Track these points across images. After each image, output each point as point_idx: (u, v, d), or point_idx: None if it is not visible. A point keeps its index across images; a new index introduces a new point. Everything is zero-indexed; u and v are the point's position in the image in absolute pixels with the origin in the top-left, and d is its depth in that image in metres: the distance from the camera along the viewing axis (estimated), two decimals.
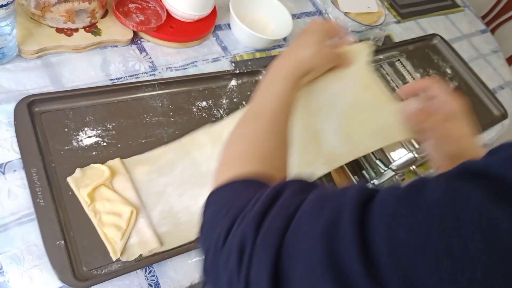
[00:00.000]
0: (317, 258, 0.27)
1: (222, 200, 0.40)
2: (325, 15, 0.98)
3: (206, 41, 0.81)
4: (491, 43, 1.27)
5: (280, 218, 0.32)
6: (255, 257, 0.31)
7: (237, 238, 0.33)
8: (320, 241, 0.28)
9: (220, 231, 0.35)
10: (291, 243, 0.30)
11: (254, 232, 0.32)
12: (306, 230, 0.30)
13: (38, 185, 0.53)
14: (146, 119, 0.66)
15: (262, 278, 0.30)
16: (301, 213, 0.31)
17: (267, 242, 0.31)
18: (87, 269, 0.51)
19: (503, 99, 1.09)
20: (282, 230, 0.31)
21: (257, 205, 0.34)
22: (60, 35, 0.66)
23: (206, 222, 0.39)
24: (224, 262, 0.33)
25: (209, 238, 0.36)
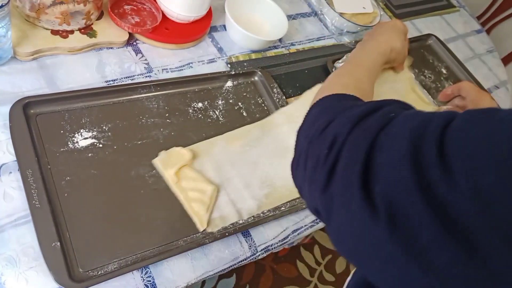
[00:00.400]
0: (403, 148, 0.31)
1: (325, 103, 0.48)
2: (320, 15, 0.99)
3: (202, 42, 0.81)
4: (487, 43, 1.28)
5: (380, 120, 0.36)
6: (350, 143, 0.36)
7: (334, 128, 0.39)
8: (409, 134, 0.32)
9: (320, 124, 0.41)
10: (383, 138, 0.34)
11: (350, 127, 0.37)
12: (397, 129, 0.34)
13: (34, 187, 0.53)
14: (142, 121, 0.66)
15: (356, 159, 0.34)
16: (399, 118, 0.36)
17: (364, 134, 0.35)
18: (83, 271, 0.51)
19: (499, 99, 1.10)
20: (377, 129, 0.35)
21: (358, 110, 0.40)
22: (55, 37, 0.66)
23: (308, 121, 0.46)
24: (317, 145, 0.39)
25: (311, 130, 0.43)
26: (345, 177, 0.34)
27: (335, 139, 0.37)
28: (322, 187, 0.36)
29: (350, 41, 0.97)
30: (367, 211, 0.31)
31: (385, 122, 0.36)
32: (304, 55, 0.89)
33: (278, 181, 0.68)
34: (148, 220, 0.58)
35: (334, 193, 0.35)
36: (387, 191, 0.31)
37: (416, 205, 0.28)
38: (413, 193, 0.29)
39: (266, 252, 0.63)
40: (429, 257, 0.28)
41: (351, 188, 0.33)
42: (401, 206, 0.29)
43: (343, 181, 0.35)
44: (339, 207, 0.35)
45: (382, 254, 0.31)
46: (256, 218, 0.63)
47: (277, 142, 0.72)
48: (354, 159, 0.34)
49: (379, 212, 0.30)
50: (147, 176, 0.61)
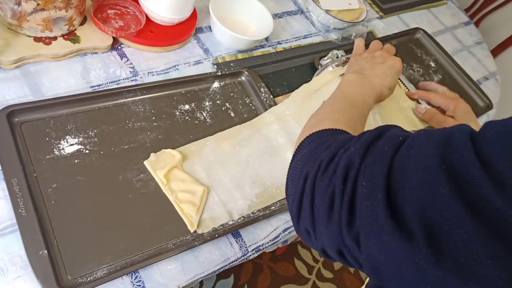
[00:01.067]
0: (431, 164, 0.30)
1: (321, 139, 0.45)
2: (306, 13, 0.99)
3: (188, 44, 0.81)
4: (475, 35, 1.28)
5: (390, 143, 0.35)
6: (365, 172, 0.34)
7: (344, 160, 0.37)
8: (434, 150, 0.30)
9: (322, 160, 0.39)
10: (401, 160, 0.33)
11: (362, 155, 0.36)
12: (417, 150, 0.32)
13: (20, 195, 0.53)
14: (128, 125, 0.66)
15: (376, 186, 0.32)
16: (412, 139, 0.34)
17: (379, 160, 0.34)
18: (72, 278, 0.51)
19: (488, 90, 1.10)
20: (393, 152, 0.34)
21: (363, 138, 0.38)
22: (38, 44, 0.65)
23: (304, 155, 0.44)
24: (327, 182, 0.37)
25: (308, 166, 0.41)
26: (369, 208, 0.32)
27: (347, 172, 0.36)
28: (346, 224, 0.34)
29: (337, 38, 0.97)
30: (402, 239, 0.29)
31: (397, 144, 0.34)
32: (291, 53, 0.89)
33: (269, 180, 0.68)
34: (137, 224, 0.57)
35: (360, 226, 0.33)
36: (423, 213, 0.29)
37: (464, 223, 0.27)
38: (457, 211, 0.27)
39: (257, 252, 0.63)
40: (486, 274, 0.26)
41: (379, 219, 0.31)
42: (444, 226, 0.28)
43: (367, 213, 0.33)
44: (368, 240, 0.33)
45: (430, 280, 0.29)
46: (246, 218, 0.63)
47: (267, 141, 0.72)
48: (374, 187, 0.32)
49: (417, 237, 0.29)
50: (134, 181, 0.61)
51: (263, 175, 0.68)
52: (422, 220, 0.29)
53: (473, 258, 0.27)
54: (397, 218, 0.30)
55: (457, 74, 1.06)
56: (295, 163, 0.45)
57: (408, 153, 0.33)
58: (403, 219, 0.30)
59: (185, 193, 0.61)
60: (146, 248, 0.56)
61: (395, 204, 0.31)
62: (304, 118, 0.75)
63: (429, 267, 0.28)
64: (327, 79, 0.77)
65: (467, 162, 0.28)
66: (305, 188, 0.40)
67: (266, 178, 0.68)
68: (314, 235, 0.39)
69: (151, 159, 0.63)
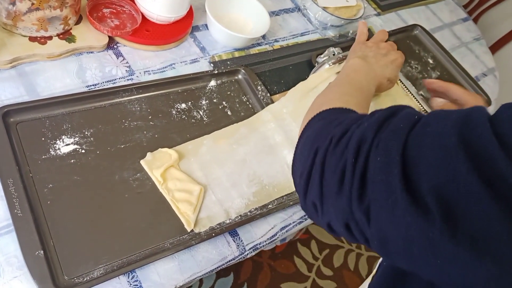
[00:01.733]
0: (451, 143, 0.29)
1: (332, 116, 0.45)
2: (303, 10, 0.98)
3: (184, 42, 0.80)
4: (473, 31, 1.28)
5: (406, 121, 0.35)
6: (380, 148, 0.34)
7: (356, 135, 0.37)
8: (452, 129, 0.30)
9: (334, 135, 0.39)
10: (417, 138, 0.32)
11: (375, 131, 0.36)
12: (435, 127, 0.32)
13: (15, 196, 0.53)
14: (124, 124, 0.65)
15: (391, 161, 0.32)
16: (428, 117, 0.34)
17: (393, 136, 0.34)
18: (68, 278, 0.51)
19: (487, 87, 1.10)
20: (408, 129, 0.34)
21: (377, 115, 0.38)
22: (33, 44, 0.65)
23: (314, 131, 0.43)
24: (338, 155, 0.37)
25: (318, 141, 0.40)
26: (384, 183, 0.32)
27: (359, 146, 0.36)
28: (357, 197, 0.34)
29: (335, 35, 0.97)
30: (417, 214, 0.29)
31: (412, 122, 0.34)
32: (288, 51, 0.89)
33: (266, 178, 0.68)
34: (133, 224, 0.57)
35: (372, 200, 0.33)
36: (440, 190, 0.29)
37: (482, 200, 0.27)
38: (475, 188, 0.27)
39: (255, 251, 0.63)
40: (502, 251, 0.27)
41: (394, 193, 0.31)
42: (461, 203, 0.28)
43: (381, 187, 0.33)
44: (379, 214, 0.33)
45: (443, 255, 0.29)
46: (243, 217, 0.63)
47: (264, 139, 0.72)
48: (389, 162, 0.32)
49: (432, 212, 0.29)
50: (131, 180, 0.61)
51: (260, 174, 0.68)
52: (438, 196, 0.29)
53: (489, 235, 0.27)
54: (412, 193, 0.30)
55: (455, 71, 1.06)
56: (304, 138, 0.44)
57: (425, 131, 0.33)
58: (419, 194, 0.30)
59: (181, 192, 0.61)
60: (143, 247, 0.56)
61: (410, 180, 0.31)
62: (301, 116, 0.74)
63: (443, 242, 0.28)
64: (324, 76, 0.77)
65: (486, 141, 0.28)
66: (315, 162, 0.39)
67: (263, 177, 0.68)
68: (321, 209, 0.39)
69: (148, 158, 0.63)
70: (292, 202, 0.67)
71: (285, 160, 0.71)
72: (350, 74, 0.63)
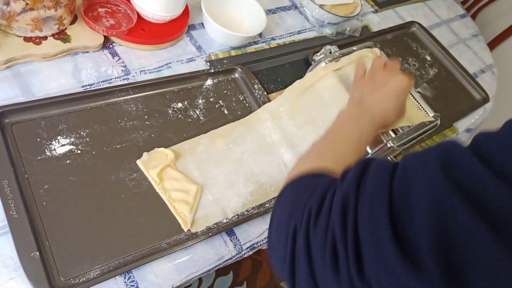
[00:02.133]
0: (439, 187, 0.27)
1: (302, 184, 0.42)
2: (300, 8, 0.98)
3: (180, 41, 0.80)
4: (471, 27, 1.27)
5: (382, 171, 0.32)
6: (364, 207, 0.31)
7: (337, 204, 0.33)
8: (439, 173, 0.28)
9: (310, 207, 0.35)
10: (401, 187, 0.30)
11: (354, 192, 0.32)
12: (417, 173, 0.30)
13: (11, 197, 0.53)
14: (120, 124, 0.65)
15: (380, 224, 0.29)
16: (405, 161, 0.32)
17: (374, 191, 0.31)
18: (65, 279, 0.51)
19: (485, 83, 1.09)
20: (388, 180, 0.31)
21: (350, 174, 0.35)
22: (28, 44, 0.65)
23: (287, 206, 0.39)
24: (323, 232, 0.33)
25: (294, 218, 0.36)
26: (377, 251, 0.29)
27: (345, 213, 0.32)
28: (356, 273, 0.30)
29: (332, 33, 0.96)
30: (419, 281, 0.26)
31: (390, 171, 0.32)
32: (285, 49, 0.89)
33: (263, 177, 0.68)
34: (130, 224, 0.57)
35: (371, 275, 0.30)
36: (440, 244, 0.26)
37: (491, 251, 0.24)
38: (481, 236, 0.25)
39: (252, 250, 0.63)
40: None
41: (390, 264, 0.28)
42: (465, 256, 0.25)
43: (375, 255, 0.29)
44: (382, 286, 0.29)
45: None
46: (240, 216, 0.63)
47: (261, 138, 0.72)
48: (379, 223, 0.29)
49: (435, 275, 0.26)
50: (127, 180, 0.60)
51: (257, 173, 0.68)
52: (439, 253, 0.26)
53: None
54: (410, 256, 0.27)
55: (453, 68, 1.06)
56: (277, 216, 0.40)
57: (407, 178, 0.30)
58: (416, 255, 0.27)
59: (178, 192, 0.61)
60: (139, 248, 0.56)
61: (405, 239, 0.28)
62: (298, 114, 0.75)
63: None
64: (320, 75, 0.77)
65: (479, 176, 0.26)
66: (297, 244, 0.35)
67: (260, 176, 0.68)
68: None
69: (144, 158, 0.62)
70: None
71: (282, 159, 0.71)
72: (338, 125, 0.59)
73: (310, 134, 0.73)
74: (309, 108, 0.75)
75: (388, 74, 0.65)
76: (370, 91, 0.63)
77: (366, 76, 0.67)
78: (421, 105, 0.83)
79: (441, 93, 0.98)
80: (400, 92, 0.62)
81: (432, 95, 0.97)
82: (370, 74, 0.67)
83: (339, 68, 0.79)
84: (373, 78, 0.65)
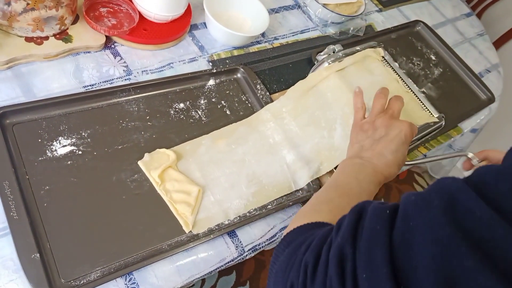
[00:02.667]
0: (446, 236, 0.25)
1: (298, 239, 0.40)
2: (303, 8, 0.97)
3: (182, 41, 0.80)
4: (477, 26, 1.26)
5: (380, 220, 0.31)
6: (362, 261, 0.30)
7: (334, 256, 0.32)
8: (442, 218, 0.26)
9: (306, 263, 0.34)
10: (403, 237, 0.28)
11: (351, 243, 0.31)
12: (419, 221, 0.28)
13: (11, 198, 0.52)
14: (122, 125, 0.65)
15: (380, 277, 0.28)
16: (404, 211, 0.30)
17: (374, 243, 0.29)
18: (65, 281, 0.51)
19: (490, 83, 1.08)
20: (387, 229, 0.30)
21: (344, 224, 0.33)
22: (29, 44, 0.65)
23: (283, 263, 0.38)
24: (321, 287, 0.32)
25: (291, 275, 0.35)
26: None
27: (342, 269, 0.31)
28: None
29: (335, 32, 0.96)
30: None
31: (388, 219, 0.30)
32: (288, 48, 0.88)
33: (265, 178, 0.67)
34: (131, 226, 0.57)
35: None
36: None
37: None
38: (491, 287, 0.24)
39: (254, 252, 0.63)
40: None
41: None
42: None
43: None
44: None
45: None
46: (242, 218, 0.63)
47: (264, 139, 0.71)
48: (379, 278, 0.28)
49: None
50: (128, 181, 0.60)
51: (260, 174, 0.68)
52: None
53: None
54: None
55: (458, 67, 1.05)
56: (274, 274, 0.39)
57: (408, 227, 0.28)
58: None
59: (180, 193, 0.61)
60: (140, 249, 0.56)
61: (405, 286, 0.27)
62: (300, 114, 0.74)
63: None
64: (323, 75, 0.76)
65: (487, 222, 0.24)
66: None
67: (263, 177, 0.67)
68: None
69: (145, 159, 0.62)
70: (292, 203, 0.66)
71: (284, 160, 0.70)
72: (338, 177, 0.57)
73: (313, 135, 0.73)
74: (312, 108, 0.75)
75: (388, 121, 0.61)
76: (370, 145, 0.60)
77: (366, 122, 0.64)
78: (425, 105, 0.82)
79: (446, 93, 0.97)
80: (402, 142, 0.59)
81: (437, 95, 0.96)
82: (370, 122, 0.63)
83: (342, 69, 0.78)
84: (373, 126, 0.62)
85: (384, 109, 0.65)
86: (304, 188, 0.69)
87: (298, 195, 0.68)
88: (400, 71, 0.86)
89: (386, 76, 0.84)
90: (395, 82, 0.84)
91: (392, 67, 0.86)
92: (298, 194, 0.68)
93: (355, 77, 0.79)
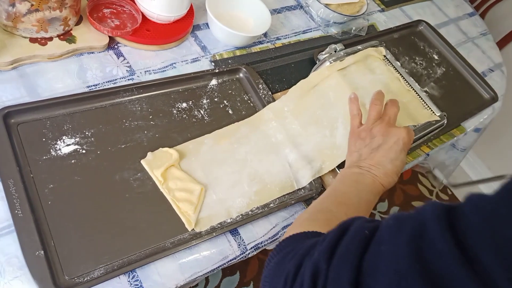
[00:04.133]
0: (405, 267, 0.26)
1: (287, 247, 0.41)
2: (305, 8, 0.97)
3: (185, 42, 0.80)
4: (480, 26, 1.26)
5: (356, 241, 0.32)
6: (331, 278, 0.30)
7: (309, 269, 0.33)
8: (406, 248, 0.26)
9: (288, 272, 0.35)
10: (371, 260, 0.29)
11: (327, 259, 0.32)
12: (388, 247, 0.28)
13: (16, 196, 0.53)
14: (125, 124, 0.65)
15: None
16: (380, 234, 0.31)
17: (344, 263, 0.30)
18: (69, 278, 0.51)
19: (494, 82, 1.08)
20: (359, 250, 0.30)
21: (328, 238, 0.34)
22: (34, 45, 0.65)
23: (271, 270, 0.40)
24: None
25: (274, 282, 0.37)
26: None
27: (315, 282, 0.32)
28: None
29: (337, 32, 0.96)
30: None
31: (363, 241, 0.31)
32: (290, 48, 0.88)
33: (267, 177, 0.68)
34: (134, 224, 0.57)
35: None
36: None
37: None
38: None
39: (256, 250, 0.63)
40: None
41: None
42: None
43: None
44: None
45: None
46: (244, 216, 0.63)
47: (266, 138, 0.72)
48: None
49: None
50: (131, 180, 0.61)
51: (262, 173, 0.68)
52: None
53: None
54: None
55: (461, 67, 1.05)
56: (263, 279, 0.41)
57: (379, 251, 0.29)
58: None
59: (182, 192, 0.61)
60: (143, 247, 0.56)
61: None
62: (302, 114, 0.74)
63: None
64: (325, 74, 0.77)
65: (445, 256, 0.24)
66: None
67: (265, 176, 0.68)
68: None
69: (148, 158, 0.62)
70: (294, 201, 0.67)
71: (286, 159, 0.70)
72: (337, 186, 0.58)
73: (315, 134, 0.73)
74: (313, 107, 0.75)
75: (386, 129, 0.61)
76: (368, 154, 0.61)
77: (363, 130, 0.64)
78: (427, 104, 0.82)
79: (449, 92, 0.97)
80: (400, 149, 0.59)
81: (440, 94, 0.96)
82: (367, 127, 0.63)
83: (344, 68, 0.78)
84: (371, 134, 0.62)
85: (381, 116, 0.65)
86: (306, 187, 0.69)
87: (300, 194, 0.68)
88: (401, 70, 0.86)
89: (387, 75, 0.84)
90: (397, 81, 0.85)
91: (394, 66, 0.86)
92: (300, 193, 0.69)
93: (357, 76, 0.79)
